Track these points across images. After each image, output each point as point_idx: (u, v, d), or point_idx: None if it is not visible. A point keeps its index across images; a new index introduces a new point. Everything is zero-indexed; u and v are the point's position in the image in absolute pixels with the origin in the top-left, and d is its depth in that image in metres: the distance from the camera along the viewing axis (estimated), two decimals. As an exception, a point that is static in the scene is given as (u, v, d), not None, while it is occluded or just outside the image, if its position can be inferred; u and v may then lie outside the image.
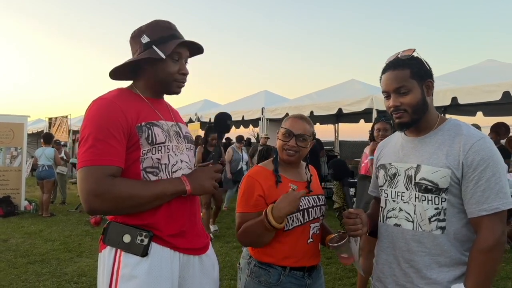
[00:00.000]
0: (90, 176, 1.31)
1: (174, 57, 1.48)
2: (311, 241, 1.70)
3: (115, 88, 1.53)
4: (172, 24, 1.54)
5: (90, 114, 1.39)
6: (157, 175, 1.44)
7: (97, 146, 1.33)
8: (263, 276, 1.65)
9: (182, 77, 1.53)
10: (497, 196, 1.31)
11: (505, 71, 5.81)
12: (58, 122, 13.47)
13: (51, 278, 4.30)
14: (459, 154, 1.36)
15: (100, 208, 1.34)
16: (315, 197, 1.74)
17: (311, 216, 1.69)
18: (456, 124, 1.46)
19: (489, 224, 1.31)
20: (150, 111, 1.50)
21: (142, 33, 1.49)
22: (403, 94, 1.43)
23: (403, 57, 1.46)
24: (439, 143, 1.43)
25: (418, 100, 1.43)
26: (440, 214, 1.39)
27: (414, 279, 1.43)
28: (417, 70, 1.43)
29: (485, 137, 1.38)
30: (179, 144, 1.54)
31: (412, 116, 1.44)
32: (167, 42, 1.47)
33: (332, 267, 4.50)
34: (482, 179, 1.32)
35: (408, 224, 1.45)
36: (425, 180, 1.41)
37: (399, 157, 1.53)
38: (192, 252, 1.52)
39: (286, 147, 1.70)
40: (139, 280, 1.36)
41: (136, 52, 1.51)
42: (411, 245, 1.44)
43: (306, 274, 1.69)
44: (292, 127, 1.71)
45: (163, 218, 1.43)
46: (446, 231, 1.39)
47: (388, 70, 1.47)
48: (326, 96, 8.41)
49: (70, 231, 6.46)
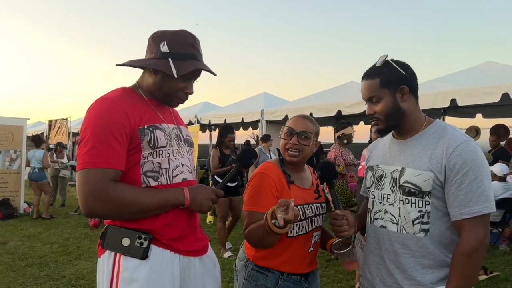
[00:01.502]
0: (90, 179, 1.29)
1: (185, 76, 1.45)
2: (312, 250, 1.68)
3: (118, 88, 1.50)
4: (196, 42, 1.49)
5: (91, 114, 1.36)
6: (157, 179, 1.42)
7: (98, 147, 1.30)
8: (260, 280, 1.62)
9: (185, 96, 1.52)
10: (478, 199, 1.32)
11: (504, 73, 5.80)
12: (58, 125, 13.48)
13: (49, 281, 4.29)
14: (442, 157, 1.38)
15: (99, 211, 1.33)
16: (319, 205, 1.71)
17: (315, 224, 1.67)
18: (442, 127, 1.47)
19: (471, 227, 1.33)
20: (153, 114, 1.47)
21: (164, 39, 1.44)
22: (375, 102, 1.48)
23: (377, 64, 1.48)
24: (424, 146, 1.44)
25: (390, 108, 1.45)
26: (424, 217, 1.41)
27: (400, 280, 1.45)
28: (387, 78, 1.45)
29: (469, 140, 1.39)
30: (180, 148, 1.52)
31: (386, 123, 1.48)
32: (185, 60, 1.43)
33: (331, 269, 4.49)
34: (464, 182, 1.33)
35: (393, 226, 1.48)
36: (409, 183, 1.43)
37: (386, 159, 1.56)
38: (192, 254, 1.50)
39: (288, 145, 1.66)
40: (140, 283, 1.34)
41: (152, 55, 1.46)
42: (396, 247, 1.46)
43: (303, 279, 1.67)
44: (294, 125, 1.68)
45: (162, 224, 1.42)
46: (430, 234, 1.41)
47: (362, 79, 1.52)
48: (325, 98, 8.40)
49: (69, 234, 6.44)
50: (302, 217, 1.60)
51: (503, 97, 5.00)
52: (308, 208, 1.64)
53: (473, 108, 7.42)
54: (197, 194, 1.46)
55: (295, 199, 1.50)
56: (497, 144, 6.96)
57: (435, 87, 6.09)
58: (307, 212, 1.62)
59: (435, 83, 6.35)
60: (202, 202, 1.46)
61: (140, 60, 1.48)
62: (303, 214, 1.61)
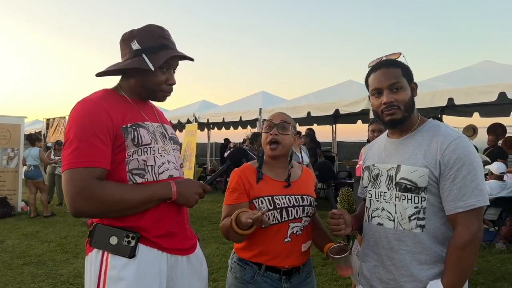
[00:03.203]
0: (76, 178, 1.30)
1: (162, 68, 1.47)
2: (289, 241, 1.68)
3: (100, 89, 1.51)
4: (165, 32, 1.50)
5: (74, 116, 1.38)
6: (143, 176, 1.43)
7: (82, 148, 1.32)
8: (238, 272, 1.69)
9: (169, 87, 1.53)
10: (472, 193, 1.35)
11: (501, 72, 5.82)
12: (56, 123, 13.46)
13: (47, 280, 4.29)
14: (436, 153, 1.41)
15: (86, 211, 1.33)
16: (297, 196, 1.73)
17: (291, 215, 1.68)
18: (435, 125, 1.51)
19: (465, 220, 1.35)
20: (136, 113, 1.49)
21: (133, 38, 1.46)
22: (396, 90, 1.46)
23: (392, 58, 1.53)
24: (418, 143, 1.47)
25: (410, 98, 1.48)
26: (420, 212, 1.43)
27: (396, 276, 1.47)
28: (406, 71, 1.50)
29: (462, 137, 1.43)
30: (165, 146, 1.54)
31: (404, 113, 1.47)
32: (158, 52, 1.45)
33: (328, 268, 4.50)
34: (458, 177, 1.36)
35: (390, 223, 1.50)
36: (405, 179, 1.45)
37: (381, 158, 1.58)
38: (180, 252, 1.51)
39: (269, 138, 1.71)
40: (127, 282, 1.35)
41: (126, 56, 1.49)
42: (393, 243, 1.48)
43: (283, 278, 1.67)
44: (273, 118, 1.77)
45: (150, 221, 1.43)
46: (426, 229, 1.43)
47: (380, 68, 1.50)
48: (323, 97, 8.41)
49: (66, 232, 6.45)
50: (270, 207, 1.65)
51: (500, 96, 5.02)
52: (281, 199, 1.68)
53: (470, 107, 7.46)
54: (184, 187, 1.48)
55: (263, 190, 1.68)
56: (495, 144, 7.00)
57: (432, 86, 6.10)
58: (277, 203, 1.66)
59: (433, 82, 6.36)
60: (189, 196, 1.49)
61: (116, 64, 1.50)
62: (271, 204, 1.66)
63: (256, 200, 1.66)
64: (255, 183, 1.70)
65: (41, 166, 8.19)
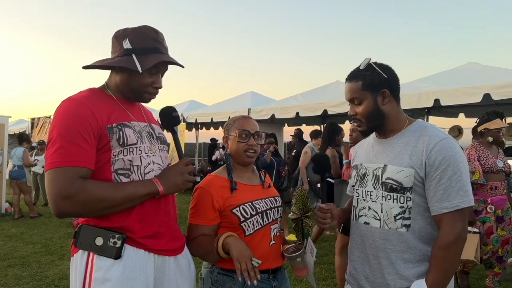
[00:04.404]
0: (58, 178, 1.28)
1: (151, 71, 1.45)
2: (274, 243, 1.69)
3: (86, 89, 1.49)
4: (158, 35, 1.48)
5: (58, 115, 1.36)
6: (129, 176, 1.41)
7: (66, 147, 1.30)
8: (228, 283, 1.61)
9: (154, 90, 1.51)
10: (457, 194, 1.37)
11: (485, 74, 5.92)
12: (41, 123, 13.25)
13: (32, 282, 4.22)
14: (422, 154, 1.42)
15: (70, 210, 1.31)
16: (272, 198, 1.75)
17: (270, 218, 1.70)
18: (423, 126, 1.53)
19: (449, 221, 1.37)
20: (122, 112, 1.47)
21: (126, 36, 1.44)
22: (357, 104, 1.54)
23: (361, 67, 1.53)
24: (405, 144, 1.49)
25: (370, 110, 1.51)
26: (405, 212, 1.45)
27: (382, 275, 1.49)
28: (369, 81, 1.50)
29: (448, 138, 1.45)
30: (152, 146, 1.52)
31: (367, 125, 1.54)
32: (148, 55, 1.43)
33: (316, 267, 4.52)
34: (444, 177, 1.38)
35: (376, 222, 1.52)
36: (391, 179, 1.47)
37: (369, 158, 1.61)
38: (167, 253, 1.50)
39: (246, 147, 1.69)
40: (113, 283, 1.34)
41: (115, 53, 1.47)
42: (379, 243, 1.50)
43: (271, 276, 1.68)
44: (247, 126, 1.72)
45: (135, 221, 1.41)
46: (411, 229, 1.45)
47: (346, 81, 1.58)
48: (311, 97, 8.45)
49: (51, 234, 6.35)
50: (253, 212, 1.64)
51: (484, 97, 5.10)
52: (260, 203, 1.68)
53: (456, 108, 7.55)
54: (166, 175, 1.46)
55: (241, 197, 1.64)
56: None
57: (419, 87, 6.18)
58: (258, 207, 1.66)
59: (419, 83, 6.44)
60: (175, 180, 1.46)
61: (105, 60, 1.48)
62: (254, 210, 1.65)
63: (237, 209, 1.62)
64: (229, 194, 1.65)
65: (25, 166, 8.05)
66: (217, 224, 1.65)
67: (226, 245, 1.51)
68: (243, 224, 1.61)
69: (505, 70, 5.92)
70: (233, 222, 1.62)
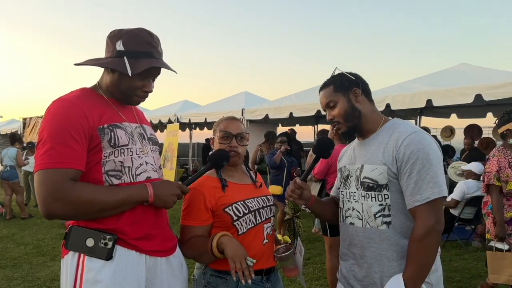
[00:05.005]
0: (49, 179, 1.26)
1: (141, 74, 1.43)
2: (267, 242, 1.69)
3: (78, 88, 1.48)
4: (153, 39, 1.46)
5: (49, 115, 1.34)
6: (120, 178, 1.40)
7: (56, 148, 1.28)
8: (221, 285, 1.60)
9: (144, 94, 1.50)
10: (428, 186, 1.38)
11: (477, 75, 5.96)
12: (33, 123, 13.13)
13: (23, 283, 4.18)
14: (392, 150, 1.46)
15: (60, 213, 1.29)
16: (264, 197, 1.76)
17: (263, 216, 1.70)
18: (395, 124, 1.56)
19: (422, 213, 1.39)
20: (113, 113, 1.46)
21: (120, 38, 1.42)
22: (332, 107, 1.59)
23: (331, 75, 1.64)
24: (379, 142, 1.53)
25: (346, 108, 1.57)
26: (385, 210, 1.48)
27: (369, 274, 1.51)
28: (340, 84, 1.59)
29: (418, 131, 1.47)
30: (144, 147, 1.51)
31: (346, 124, 1.58)
32: (140, 58, 1.41)
33: (309, 267, 4.53)
34: (414, 171, 1.40)
35: (359, 222, 1.56)
36: (367, 178, 1.52)
37: (351, 160, 1.65)
38: (159, 254, 1.49)
39: (228, 149, 1.70)
40: (104, 285, 1.32)
41: (108, 54, 1.46)
42: (363, 242, 1.53)
43: (264, 278, 1.67)
44: (230, 128, 1.73)
45: (127, 223, 1.40)
46: (392, 226, 1.47)
47: (319, 92, 1.66)
48: (304, 97, 8.45)
49: (43, 235, 6.30)
50: (245, 211, 1.64)
51: (476, 98, 5.15)
52: (252, 202, 1.69)
53: (448, 108, 7.62)
54: (161, 189, 1.44)
55: (233, 196, 1.64)
56: (471, 146, 7.21)
57: (411, 87, 6.22)
58: (250, 206, 1.66)
59: (412, 84, 6.48)
60: (167, 198, 1.45)
61: (97, 59, 1.47)
62: (246, 208, 1.65)
63: (229, 208, 1.62)
64: (222, 193, 1.65)
65: (18, 167, 7.98)
66: (210, 225, 1.64)
67: (220, 244, 1.51)
68: (236, 223, 1.61)
69: (496, 71, 5.98)
70: (226, 221, 1.61)
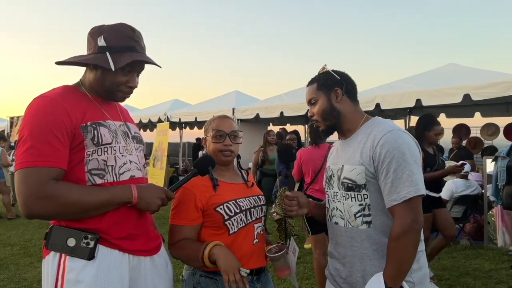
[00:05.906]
0: (30, 179, 1.23)
1: (125, 69, 1.41)
2: (257, 242, 1.68)
3: (60, 86, 1.44)
4: (135, 34, 1.44)
5: (30, 113, 1.30)
6: (103, 177, 1.38)
7: (38, 147, 1.25)
8: (210, 285, 1.58)
9: (128, 89, 1.47)
10: (404, 185, 1.38)
11: (465, 75, 6.03)
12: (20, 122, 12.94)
13: (9, 284, 4.12)
14: (369, 150, 1.46)
15: (42, 212, 1.26)
16: (255, 197, 1.75)
17: (254, 216, 1.69)
18: (375, 122, 1.56)
19: (399, 212, 1.39)
20: (97, 110, 1.43)
21: (101, 34, 1.40)
22: (313, 104, 1.62)
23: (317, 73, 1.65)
24: (358, 142, 1.54)
25: (324, 108, 1.58)
26: (365, 209, 1.49)
27: (352, 272, 1.53)
28: (323, 82, 1.60)
29: (394, 130, 1.46)
30: (128, 145, 1.48)
31: (324, 123, 1.60)
32: (123, 53, 1.39)
33: (300, 266, 4.53)
34: (390, 170, 1.40)
35: (342, 222, 1.56)
36: (346, 178, 1.52)
37: (334, 160, 1.66)
38: (142, 253, 1.47)
39: (222, 147, 1.68)
40: (86, 285, 1.30)
41: (90, 50, 1.43)
42: (346, 241, 1.55)
43: (254, 278, 1.66)
44: (223, 126, 1.71)
45: (110, 223, 1.37)
46: (373, 225, 1.48)
47: (306, 87, 1.67)
48: (295, 97, 8.47)
49: (31, 235, 6.21)
50: (237, 210, 1.63)
51: (464, 97, 5.21)
52: (243, 201, 1.67)
53: (437, 108, 7.69)
54: (146, 192, 1.41)
55: (225, 196, 1.62)
56: (459, 145, 7.32)
57: (401, 87, 6.26)
58: (241, 205, 1.65)
59: (401, 83, 6.52)
60: (150, 200, 1.41)
61: (78, 57, 1.44)
62: (237, 207, 1.64)
63: (221, 207, 1.60)
64: (213, 192, 1.63)
65: (3, 166, 7.85)
66: (200, 224, 1.62)
67: (212, 255, 1.48)
68: (227, 222, 1.59)
69: (483, 71, 6.05)
70: (217, 220, 1.59)
